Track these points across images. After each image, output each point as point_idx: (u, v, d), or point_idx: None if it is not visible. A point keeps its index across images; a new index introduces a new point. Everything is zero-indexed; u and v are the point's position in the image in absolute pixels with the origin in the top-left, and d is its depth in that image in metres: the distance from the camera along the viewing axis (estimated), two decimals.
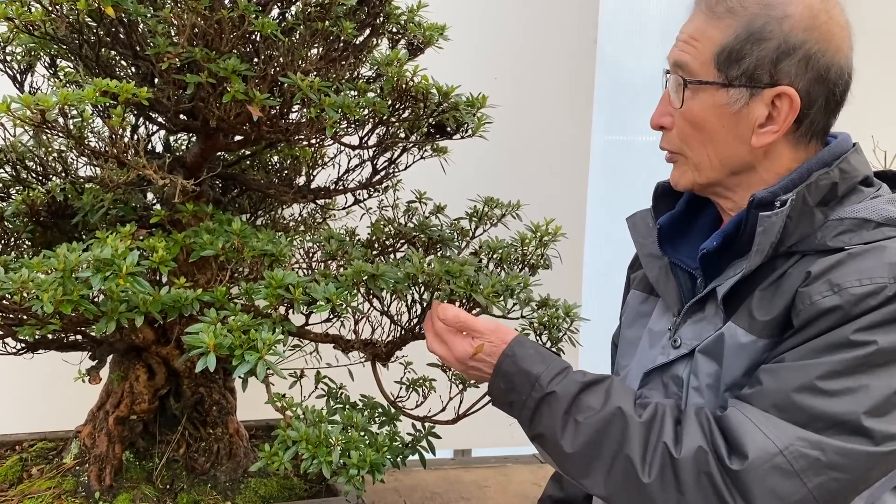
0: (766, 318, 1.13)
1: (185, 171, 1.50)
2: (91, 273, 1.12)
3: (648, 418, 1.12)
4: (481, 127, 1.55)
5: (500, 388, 1.23)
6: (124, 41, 1.36)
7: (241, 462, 1.66)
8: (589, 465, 1.14)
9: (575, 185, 2.79)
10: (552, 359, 1.22)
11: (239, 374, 1.13)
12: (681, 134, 1.23)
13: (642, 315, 1.39)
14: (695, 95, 1.19)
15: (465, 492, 2.25)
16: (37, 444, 1.74)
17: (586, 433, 1.14)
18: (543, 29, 2.69)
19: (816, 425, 1.04)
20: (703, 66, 1.18)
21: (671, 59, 1.24)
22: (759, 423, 1.06)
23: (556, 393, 1.17)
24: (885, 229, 1.12)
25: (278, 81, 1.38)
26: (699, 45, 1.19)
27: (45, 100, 1.14)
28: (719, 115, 1.18)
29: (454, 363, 1.28)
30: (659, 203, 1.37)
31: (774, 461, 1.03)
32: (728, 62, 1.16)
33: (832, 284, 1.07)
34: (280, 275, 1.25)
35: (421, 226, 1.71)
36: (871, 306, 1.04)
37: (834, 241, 1.12)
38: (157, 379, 1.60)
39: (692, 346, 1.22)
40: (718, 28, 1.17)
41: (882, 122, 2.43)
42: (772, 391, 1.08)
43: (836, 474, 1.02)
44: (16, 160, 1.54)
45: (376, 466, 1.25)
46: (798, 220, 1.14)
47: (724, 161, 1.21)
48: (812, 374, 1.05)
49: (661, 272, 1.33)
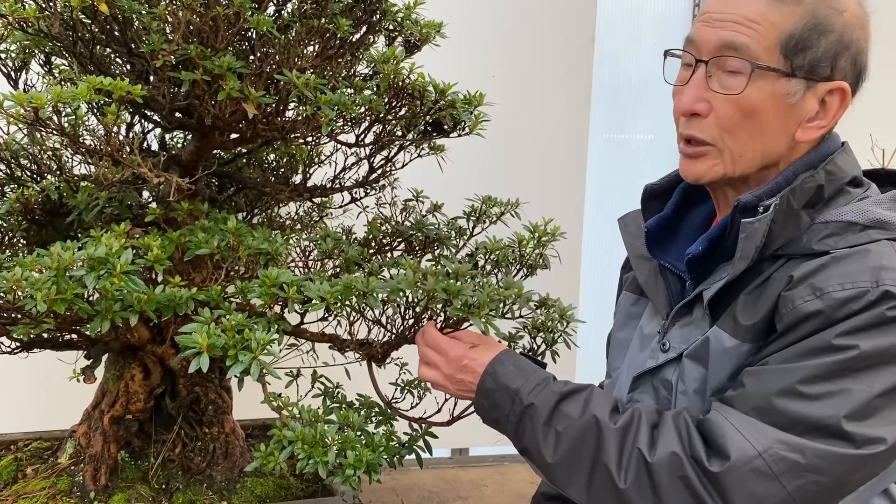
0: (749, 322, 1.13)
1: (180, 170, 1.49)
2: (85, 272, 1.11)
3: (624, 424, 1.12)
4: (478, 125, 1.54)
5: (484, 406, 1.24)
6: (119, 38, 1.35)
7: (237, 462, 1.65)
8: (571, 474, 1.14)
9: (573, 183, 2.79)
10: (531, 372, 1.22)
11: (233, 374, 1.13)
12: (724, 122, 1.15)
13: (633, 316, 1.38)
14: (754, 82, 1.12)
15: (463, 491, 2.24)
16: (32, 443, 1.73)
17: (566, 443, 1.14)
18: (541, 27, 2.68)
19: (797, 429, 1.03)
20: (767, 52, 1.11)
21: (715, 40, 1.14)
22: (739, 425, 1.05)
23: (535, 405, 1.17)
24: (870, 232, 1.10)
25: (274, 79, 1.37)
26: (761, 28, 1.11)
27: (39, 97, 1.13)
28: (776, 105, 1.13)
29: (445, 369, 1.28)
30: (648, 205, 1.35)
31: (753, 464, 1.02)
32: (795, 50, 1.11)
33: (815, 289, 1.06)
34: (274, 273, 1.25)
35: (418, 224, 1.70)
36: (854, 311, 1.03)
37: (819, 245, 1.11)
38: (153, 378, 1.59)
39: (680, 350, 1.21)
40: (783, 13, 1.11)
41: (880, 121, 2.43)
42: (753, 394, 1.07)
43: (815, 477, 1.02)
44: (10, 158, 1.53)
45: (372, 466, 1.24)
46: (783, 224, 1.13)
47: (764, 154, 1.16)
48: (793, 378, 1.04)
49: (650, 274, 1.32)
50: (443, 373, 1.29)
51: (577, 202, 2.80)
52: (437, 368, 1.29)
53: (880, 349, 1.03)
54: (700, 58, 1.16)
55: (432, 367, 1.30)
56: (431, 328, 1.32)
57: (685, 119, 1.20)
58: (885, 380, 1.03)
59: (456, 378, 1.27)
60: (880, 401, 1.03)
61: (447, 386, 1.30)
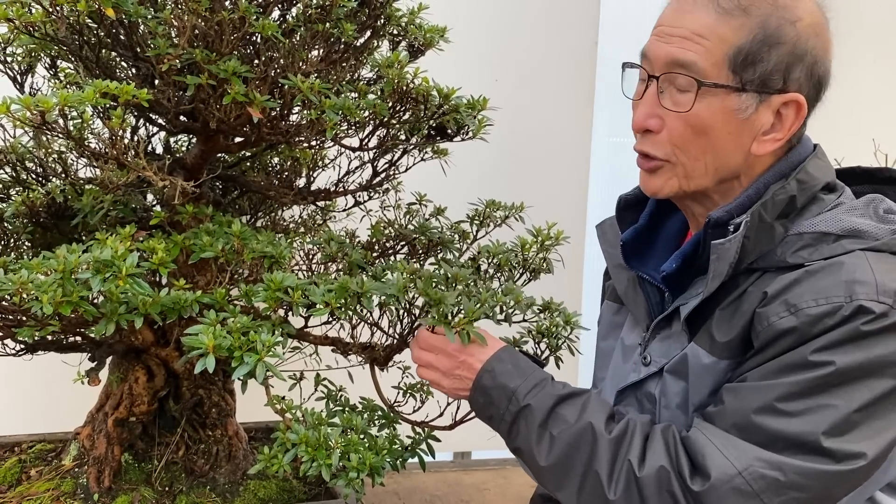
0: (725, 339, 1.12)
1: (185, 173, 1.50)
2: (90, 274, 1.11)
3: (618, 435, 1.11)
4: (482, 129, 1.55)
5: (479, 402, 1.24)
6: (125, 42, 1.36)
7: (241, 464, 1.65)
8: (562, 479, 1.13)
9: (576, 187, 2.79)
10: (530, 372, 1.21)
11: (238, 375, 1.13)
12: (675, 139, 1.15)
13: (616, 326, 1.37)
14: (702, 98, 1.11)
15: (465, 494, 2.24)
16: (35, 445, 1.73)
17: (560, 447, 1.13)
18: (544, 31, 2.68)
19: (776, 446, 1.03)
20: (715, 68, 1.10)
21: (664, 56, 1.13)
22: (719, 444, 1.05)
23: (532, 406, 1.17)
24: (844, 242, 1.09)
25: (279, 83, 1.37)
26: (708, 43, 1.10)
27: (45, 101, 1.14)
28: (726, 121, 1.12)
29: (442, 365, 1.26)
30: (622, 216, 1.34)
31: (734, 482, 1.02)
32: (744, 65, 1.09)
33: (789, 305, 1.05)
34: (279, 277, 1.25)
35: (421, 228, 1.71)
36: (828, 326, 1.03)
37: (793, 258, 1.10)
38: (157, 381, 1.59)
39: (661, 364, 1.21)
40: (731, 27, 1.09)
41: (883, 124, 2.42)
42: (733, 411, 1.07)
43: (796, 494, 1.01)
44: (16, 161, 1.54)
45: (376, 469, 1.25)
46: (756, 238, 1.11)
47: (718, 169, 1.15)
48: (771, 395, 1.04)
49: (629, 285, 1.31)
50: (439, 370, 1.27)
51: (580, 206, 2.79)
52: (434, 368, 1.28)
53: (856, 364, 1.02)
54: (652, 73, 1.15)
55: (429, 368, 1.30)
56: (424, 332, 1.31)
57: (640, 134, 1.19)
58: (863, 394, 1.02)
59: (454, 374, 1.26)
60: (859, 415, 1.02)
61: (442, 383, 1.28)
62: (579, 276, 2.81)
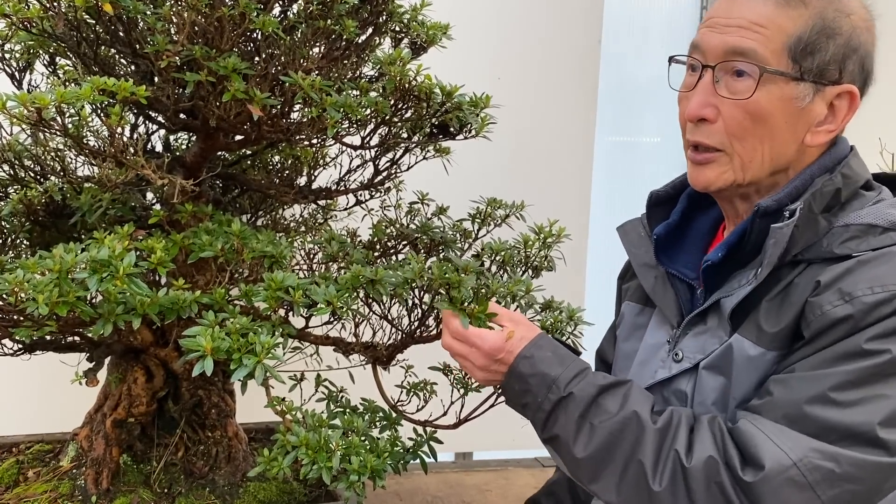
0: (774, 329, 1.11)
1: (184, 171, 1.48)
2: (88, 274, 1.10)
3: (663, 425, 1.10)
4: (484, 127, 1.54)
5: (514, 389, 1.21)
6: (123, 39, 1.34)
7: (240, 466, 1.64)
8: (600, 469, 1.12)
9: (578, 185, 2.77)
10: (570, 360, 1.19)
11: (237, 378, 1.12)
12: (732, 127, 1.14)
13: (638, 327, 1.36)
14: (763, 86, 1.11)
15: (467, 495, 2.23)
16: (33, 446, 1.72)
17: (601, 437, 1.11)
18: (547, 29, 2.67)
19: (830, 437, 1.01)
20: (775, 56, 1.10)
21: (721, 45, 1.13)
22: (771, 434, 1.03)
23: (574, 395, 1.15)
24: (891, 234, 1.09)
25: (279, 80, 1.36)
26: (768, 32, 1.10)
27: (42, 98, 1.12)
28: (785, 110, 1.12)
29: (477, 361, 1.23)
30: (653, 212, 1.33)
31: (788, 473, 1.00)
32: (803, 54, 1.10)
33: (843, 293, 1.04)
34: (280, 277, 1.24)
35: (423, 227, 1.69)
36: (884, 314, 1.02)
37: (840, 249, 1.10)
38: (156, 381, 1.58)
39: (696, 360, 1.19)
40: (790, 17, 1.10)
41: (889, 124, 2.41)
42: (783, 402, 1.05)
43: (850, 486, 1.00)
44: (13, 159, 1.52)
45: (377, 472, 1.23)
46: (804, 229, 1.11)
47: (774, 159, 1.15)
48: (825, 385, 1.03)
49: (657, 282, 1.30)
50: (474, 364, 1.24)
51: (582, 204, 2.78)
52: (468, 360, 1.25)
53: None
54: (706, 63, 1.15)
55: (461, 358, 1.26)
56: (454, 321, 1.24)
57: (692, 125, 1.18)
58: None
59: (490, 369, 1.23)
60: None
61: (475, 374, 1.26)
62: (582, 274, 2.80)
